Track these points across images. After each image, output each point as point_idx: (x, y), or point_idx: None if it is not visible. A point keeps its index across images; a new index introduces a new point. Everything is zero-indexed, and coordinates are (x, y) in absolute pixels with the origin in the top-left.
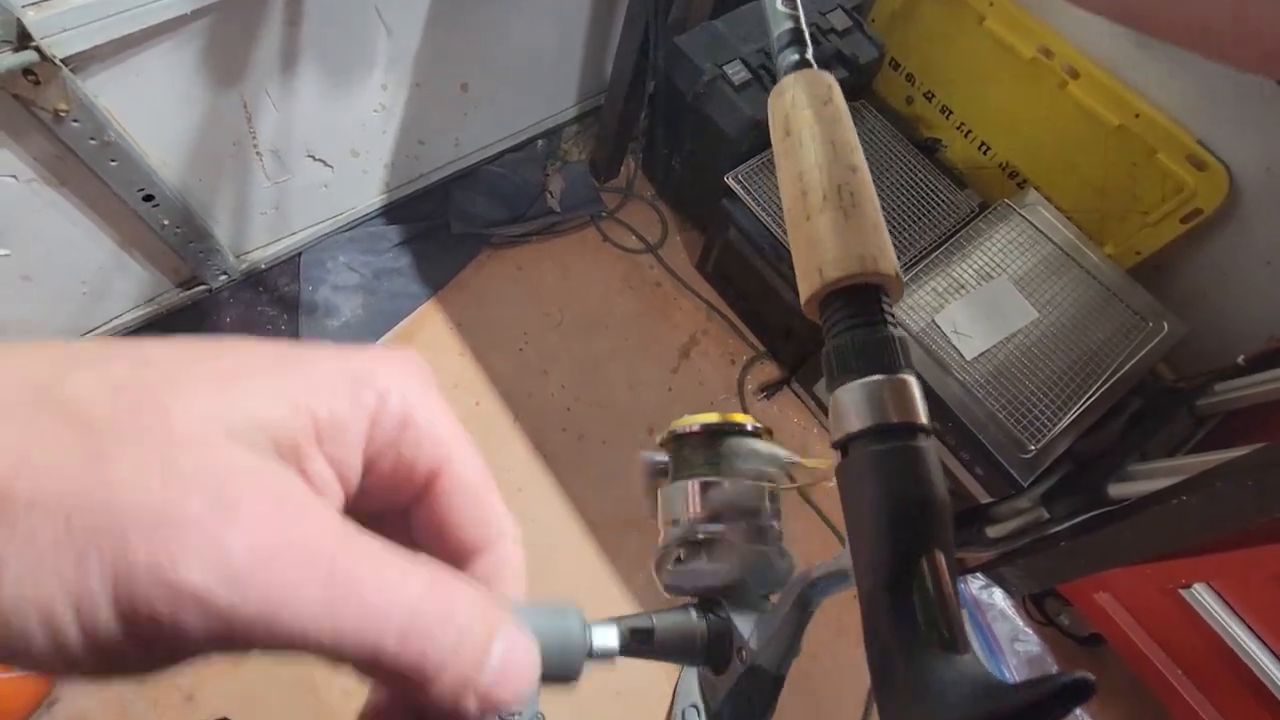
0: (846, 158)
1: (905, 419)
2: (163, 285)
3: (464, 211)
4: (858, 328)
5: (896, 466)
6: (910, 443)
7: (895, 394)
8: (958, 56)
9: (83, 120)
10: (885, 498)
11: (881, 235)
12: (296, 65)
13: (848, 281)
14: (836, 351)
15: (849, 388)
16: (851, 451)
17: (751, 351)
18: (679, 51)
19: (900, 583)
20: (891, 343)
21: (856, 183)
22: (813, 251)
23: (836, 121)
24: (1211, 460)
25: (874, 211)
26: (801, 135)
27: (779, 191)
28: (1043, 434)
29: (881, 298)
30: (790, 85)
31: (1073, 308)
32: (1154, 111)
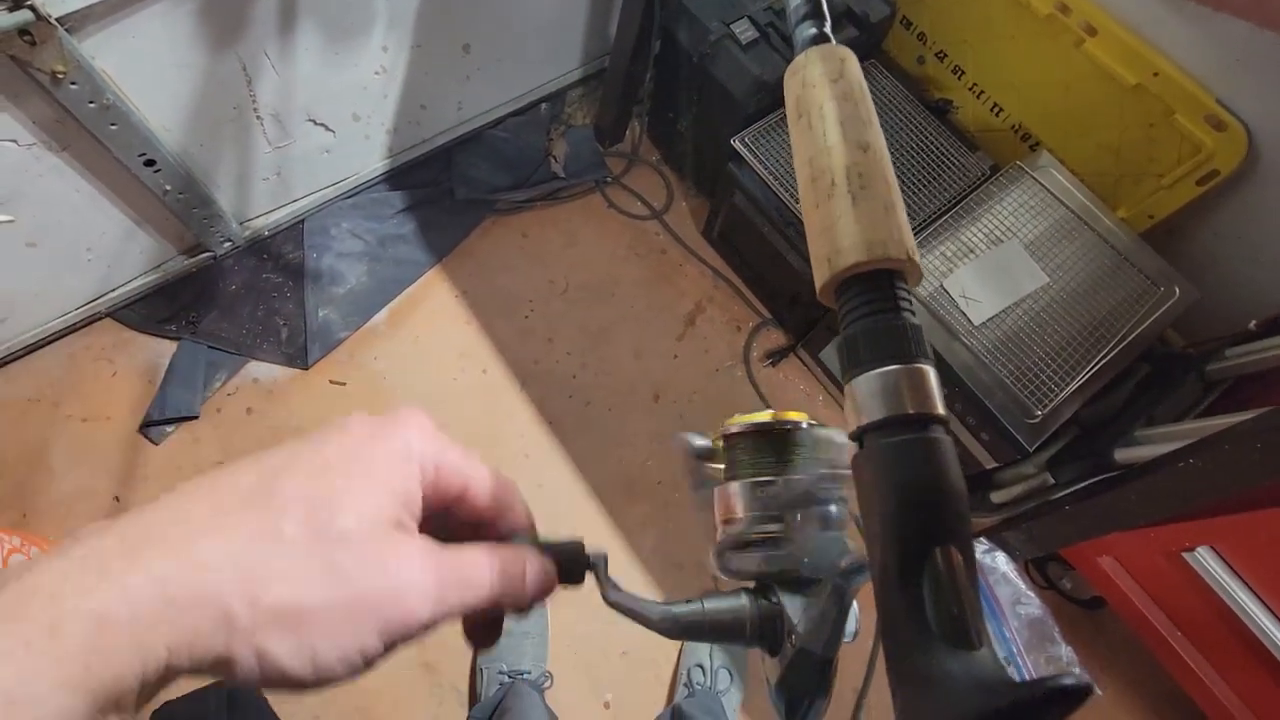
0: (857, 136)
1: (921, 410)
2: (168, 252)
3: (467, 177)
4: (872, 315)
5: (911, 458)
6: (926, 435)
7: (911, 384)
8: (971, 15)
9: (81, 82)
10: (899, 490)
11: (895, 218)
12: (295, 26)
13: (860, 268)
14: (850, 341)
15: (865, 378)
16: (867, 443)
17: (757, 318)
18: (684, 9)
19: (913, 576)
20: (907, 331)
21: (868, 163)
22: (824, 238)
23: (846, 98)
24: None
25: (887, 192)
26: (811, 116)
27: (794, 169)
28: (1049, 399)
29: (897, 283)
30: (803, 63)
31: (1083, 272)
32: (1173, 70)
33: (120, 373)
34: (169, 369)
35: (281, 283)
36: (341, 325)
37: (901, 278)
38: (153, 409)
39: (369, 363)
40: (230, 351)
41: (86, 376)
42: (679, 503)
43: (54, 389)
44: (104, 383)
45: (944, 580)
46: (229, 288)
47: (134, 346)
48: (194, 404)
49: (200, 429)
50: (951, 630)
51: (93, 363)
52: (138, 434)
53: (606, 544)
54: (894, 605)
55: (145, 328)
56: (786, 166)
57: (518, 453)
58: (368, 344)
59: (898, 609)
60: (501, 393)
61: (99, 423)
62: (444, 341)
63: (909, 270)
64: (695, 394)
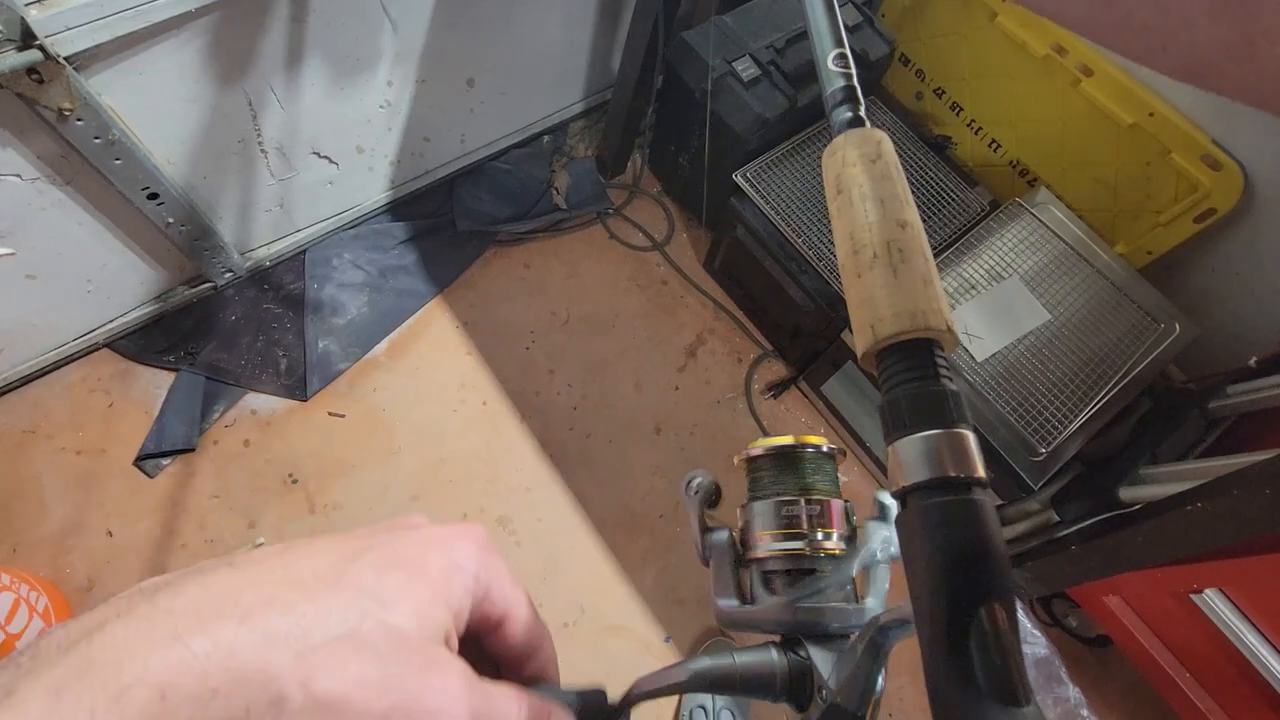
0: (896, 214)
1: (963, 473)
2: (168, 283)
3: (470, 209)
4: (912, 381)
5: (954, 519)
6: (969, 497)
7: (953, 448)
8: (969, 53)
9: (87, 119)
10: (943, 550)
11: (933, 290)
12: (301, 62)
13: (900, 337)
14: (893, 405)
15: (908, 440)
16: (910, 503)
17: (759, 350)
18: (687, 47)
19: (958, 634)
20: (947, 397)
21: (906, 239)
22: (866, 308)
23: (886, 178)
24: (1224, 465)
25: (925, 266)
26: (852, 194)
27: (834, 242)
28: (1053, 436)
29: (935, 351)
30: (841, 144)
31: (1084, 308)
32: (1169, 110)
33: (117, 404)
34: (166, 400)
35: (282, 313)
36: (341, 356)
37: (939, 346)
38: (149, 441)
39: (368, 394)
40: (229, 383)
41: (82, 408)
42: (680, 537)
43: (49, 420)
44: (100, 414)
45: (991, 638)
46: (229, 318)
47: (131, 377)
48: (191, 436)
49: (197, 461)
50: (999, 687)
51: (89, 394)
52: (133, 466)
53: (606, 578)
54: (942, 663)
55: (143, 358)
56: (788, 200)
57: (518, 486)
58: (367, 375)
59: (946, 666)
60: (502, 425)
61: (93, 455)
62: (444, 373)
63: (946, 339)
64: (696, 426)
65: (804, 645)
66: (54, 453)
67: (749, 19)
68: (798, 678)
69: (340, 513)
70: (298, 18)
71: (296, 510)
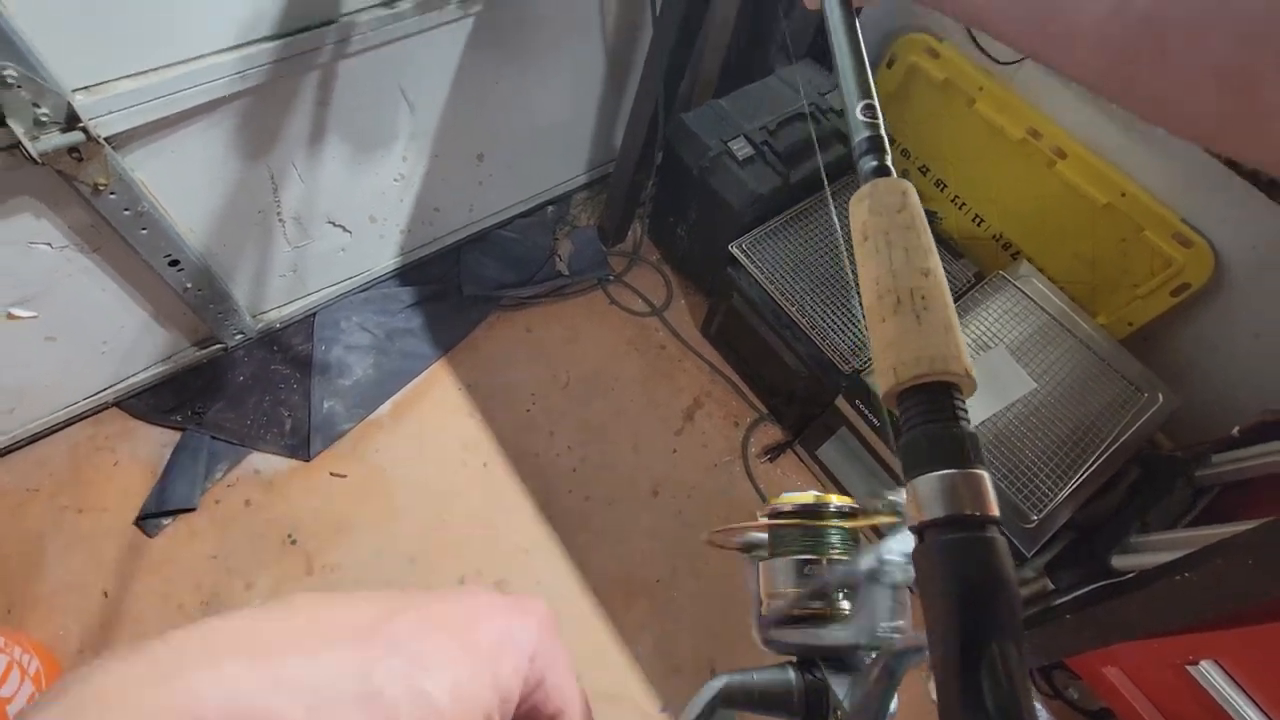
0: (919, 262)
1: (978, 511)
2: (180, 344)
3: (476, 274)
4: (932, 423)
5: (969, 554)
6: (984, 534)
7: (969, 487)
8: (950, 136)
9: (119, 193)
10: (958, 584)
11: (952, 336)
12: (323, 140)
13: (920, 380)
14: (913, 443)
15: (926, 478)
16: (927, 537)
17: (755, 414)
18: (686, 128)
19: (972, 667)
20: (964, 438)
21: (928, 286)
22: (889, 351)
23: (909, 228)
24: (1209, 535)
25: (945, 313)
26: (877, 241)
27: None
28: (1044, 503)
29: (954, 394)
30: (868, 193)
31: (1069, 377)
32: (1139, 191)
33: (122, 463)
34: (170, 460)
35: (289, 374)
36: (345, 417)
37: (958, 389)
38: (150, 501)
39: (371, 455)
40: (233, 442)
41: (87, 466)
42: (678, 602)
43: (53, 479)
44: (105, 473)
45: (1001, 669)
46: (237, 378)
47: (138, 436)
48: (192, 496)
49: (197, 521)
50: (1009, 716)
51: (95, 452)
52: (134, 526)
53: (604, 644)
54: (954, 691)
55: (151, 417)
56: (782, 271)
57: (516, 548)
58: (370, 436)
59: (959, 696)
60: (502, 486)
61: (95, 514)
62: (446, 434)
63: (965, 383)
64: (694, 489)
65: (820, 666)
66: (56, 511)
67: (744, 102)
68: (814, 697)
69: (338, 574)
70: (322, 101)
71: (294, 571)
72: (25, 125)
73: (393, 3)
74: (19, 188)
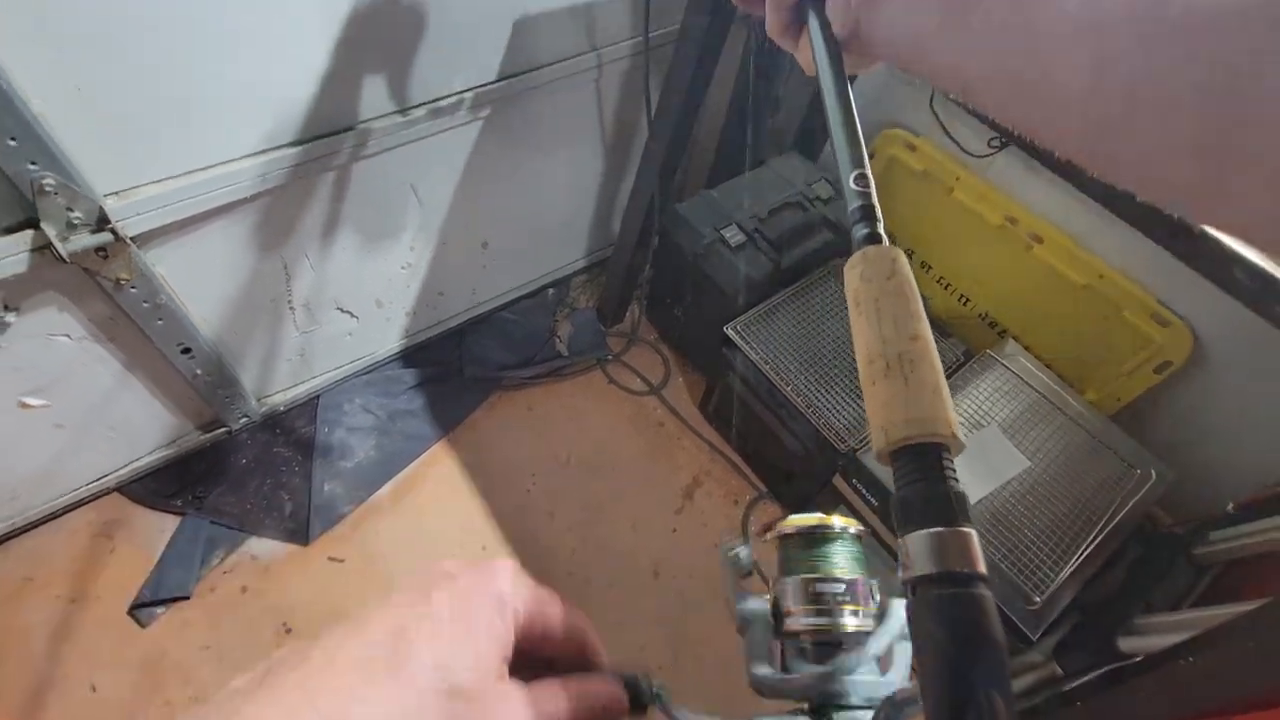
0: (908, 328)
1: (965, 568)
2: (185, 428)
3: (478, 356)
4: (920, 482)
5: (959, 611)
6: (971, 590)
7: (958, 545)
8: (932, 221)
9: (140, 287)
10: (947, 637)
11: (939, 399)
12: (336, 232)
13: (909, 441)
14: (904, 502)
15: (917, 535)
16: (920, 592)
17: (754, 492)
18: (681, 217)
19: (960, 716)
20: (952, 498)
21: (916, 351)
22: (880, 413)
23: (899, 294)
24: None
25: (934, 376)
26: (868, 307)
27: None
28: (1046, 584)
29: (943, 454)
30: (859, 260)
31: (1062, 455)
32: (1114, 273)
33: (119, 549)
34: (168, 546)
35: (291, 457)
36: (346, 499)
37: (947, 450)
38: (145, 589)
39: (370, 538)
40: (232, 527)
41: (84, 554)
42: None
43: (49, 567)
44: (101, 560)
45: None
46: (239, 462)
47: (136, 522)
48: (188, 584)
49: (191, 610)
50: None
51: (92, 539)
52: (127, 615)
53: None
54: None
55: (151, 502)
56: (777, 351)
57: None
58: (370, 519)
59: None
60: None
61: (88, 603)
62: (446, 516)
63: (953, 444)
64: (694, 570)
65: (830, 714)
66: (49, 601)
67: (735, 192)
68: None
69: None
70: (337, 198)
71: None
72: (58, 228)
73: (407, 110)
74: (46, 284)
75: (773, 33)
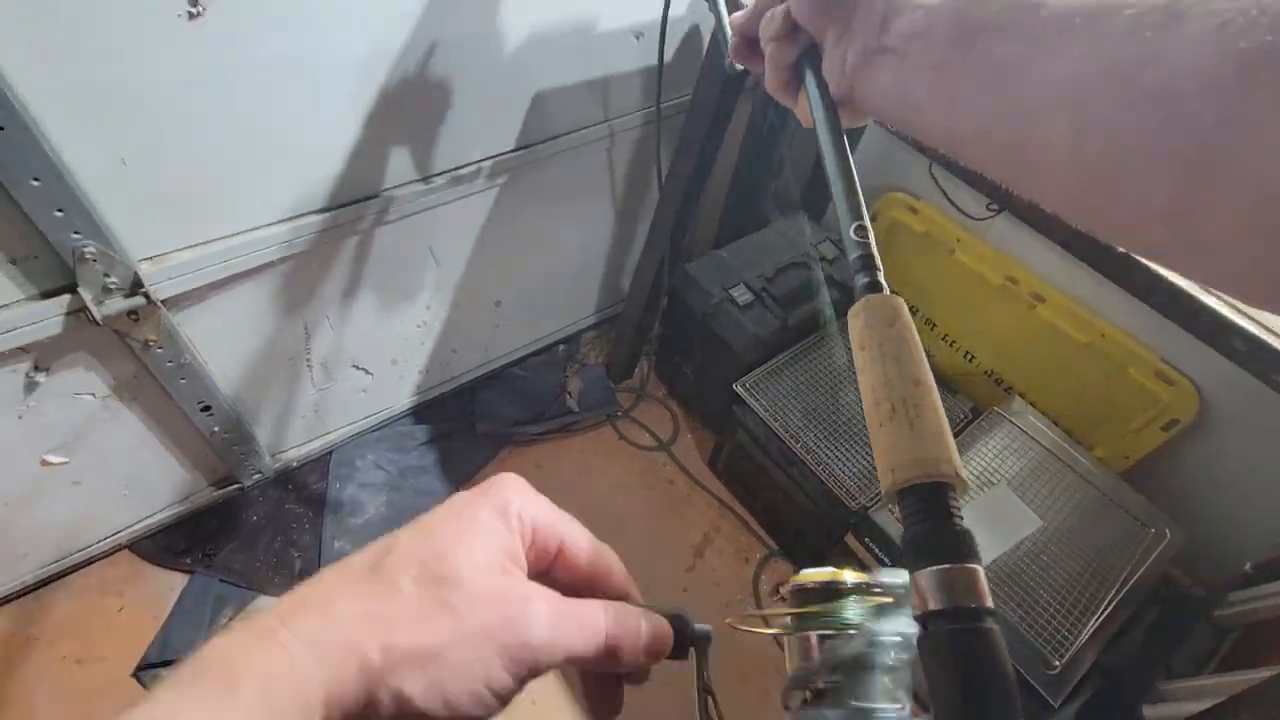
0: (911, 373)
1: (974, 603)
2: (198, 485)
3: (489, 412)
4: (929, 520)
5: (967, 643)
6: (981, 625)
7: (965, 581)
8: (935, 280)
9: (166, 347)
10: (959, 673)
11: (942, 440)
12: (356, 294)
13: (915, 481)
14: (912, 540)
15: (926, 572)
16: (931, 627)
17: (765, 549)
18: (690, 276)
19: None
20: (959, 536)
21: (919, 395)
22: (886, 455)
23: (901, 340)
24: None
25: (936, 419)
26: (872, 352)
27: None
28: (1065, 647)
29: (948, 494)
30: (862, 308)
31: (1073, 513)
32: (1117, 332)
33: (128, 608)
34: (177, 605)
35: (302, 513)
36: None
37: (952, 490)
38: (152, 650)
39: None
40: (241, 585)
41: (92, 612)
42: None
43: (56, 626)
44: (108, 619)
45: None
46: (250, 518)
47: (146, 579)
48: (195, 645)
49: None
50: None
51: (101, 597)
52: (130, 678)
53: None
54: None
55: (161, 560)
56: (786, 408)
57: (523, 698)
58: None
59: None
60: None
61: (93, 664)
62: None
63: (957, 484)
64: None
65: None
66: (54, 661)
67: (742, 252)
68: None
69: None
70: (358, 260)
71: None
72: (94, 292)
73: (429, 179)
74: (77, 346)
75: (771, 89)
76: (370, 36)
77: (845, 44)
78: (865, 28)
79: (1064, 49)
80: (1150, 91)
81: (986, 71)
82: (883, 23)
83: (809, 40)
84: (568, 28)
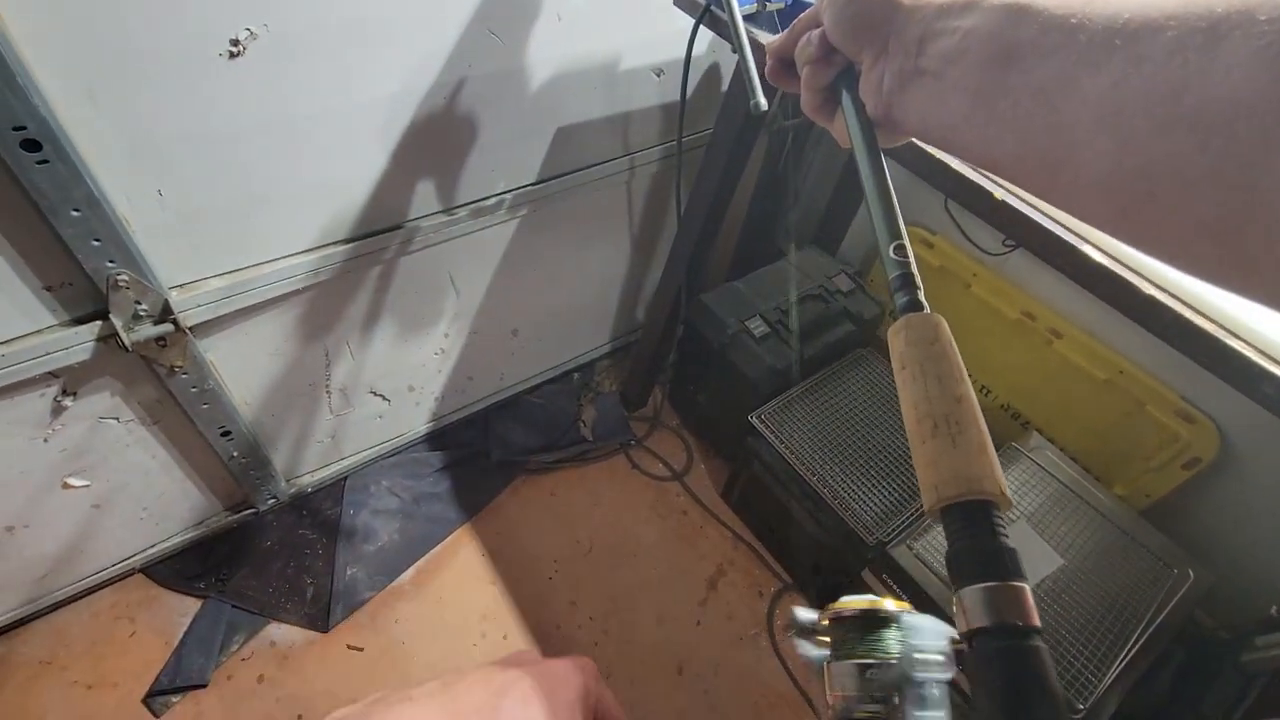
0: (952, 390)
1: (1020, 620)
2: (214, 509)
3: (503, 439)
4: (974, 537)
5: (1017, 663)
6: (1028, 643)
7: (1012, 598)
8: (951, 314)
9: (191, 372)
10: (1007, 690)
11: (985, 457)
12: (377, 322)
13: (959, 499)
14: (957, 558)
15: (971, 589)
16: (976, 644)
17: (779, 583)
18: (706, 308)
19: None
20: (1004, 553)
21: (961, 411)
22: (929, 471)
23: (943, 358)
24: None
25: (979, 435)
26: (913, 370)
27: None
28: (1089, 690)
29: (991, 511)
30: (903, 326)
31: (1094, 552)
32: (1136, 369)
33: (139, 632)
34: (188, 630)
35: (315, 539)
36: (368, 584)
37: (995, 506)
38: (163, 676)
39: (390, 625)
40: (253, 611)
41: (103, 637)
42: None
43: (67, 650)
44: (120, 644)
45: None
46: (264, 543)
47: (158, 604)
48: (206, 672)
49: (206, 699)
50: None
51: (113, 621)
52: (141, 704)
53: None
54: None
55: (174, 584)
56: (802, 440)
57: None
58: (390, 605)
59: None
60: None
61: (104, 689)
62: (467, 603)
63: (1001, 501)
64: (720, 666)
65: None
66: (65, 686)
67: (758, 284)
68: None
69: None
70: (381, 288)
71: None
72: (125, 319)
73: (452, 210)
74: (105, 371)
75: (808, 109)
76: (402, 75)
77: (882, 66)
78: (902, 50)
79: (1104, 70)
80: (1190, 115)
81: (1025, 93)
82: (919, 45)
83: (845, 62)
84: (592, 66)
